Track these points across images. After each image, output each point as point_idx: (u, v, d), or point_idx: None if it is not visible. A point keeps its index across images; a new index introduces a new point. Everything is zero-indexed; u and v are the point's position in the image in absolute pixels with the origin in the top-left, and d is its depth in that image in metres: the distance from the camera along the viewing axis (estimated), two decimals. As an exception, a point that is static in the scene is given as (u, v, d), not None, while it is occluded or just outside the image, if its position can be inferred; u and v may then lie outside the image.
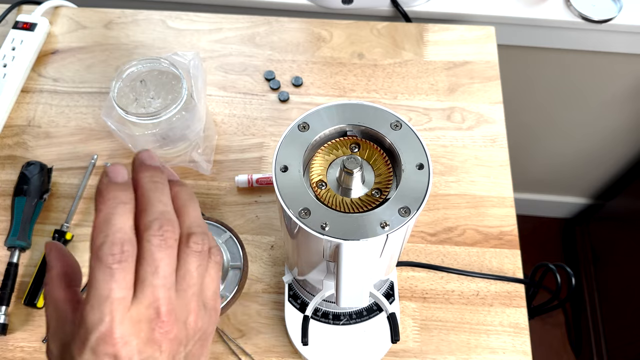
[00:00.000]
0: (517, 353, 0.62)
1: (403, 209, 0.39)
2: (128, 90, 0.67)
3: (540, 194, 1.54)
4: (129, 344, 0.26)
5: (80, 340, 0.26)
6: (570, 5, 0.91)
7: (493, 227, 0.69)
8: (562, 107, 1.16)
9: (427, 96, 0.79)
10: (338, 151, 0.43)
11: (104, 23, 0.85)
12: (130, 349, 0.26)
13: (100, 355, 0.25)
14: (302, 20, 0.86)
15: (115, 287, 0.26)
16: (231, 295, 0.60)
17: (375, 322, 0.59)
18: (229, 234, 0.64)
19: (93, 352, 0.25)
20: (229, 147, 0.75)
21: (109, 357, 0.26)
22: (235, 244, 0.63)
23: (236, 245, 0.63)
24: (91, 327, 0.25)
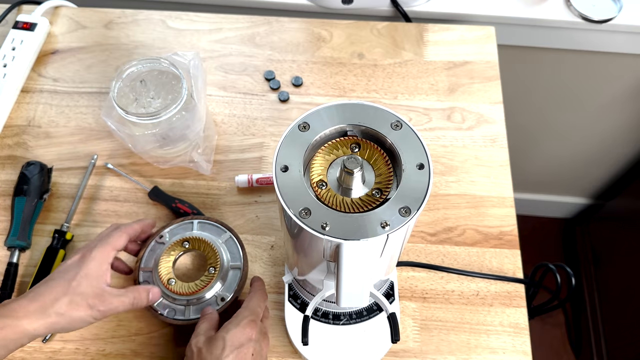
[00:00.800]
0: (517, 353, 0.62)
1: (403, 209, 0.39)
2: (128, 90, 0.67)
3: (540, 194, 1.54)
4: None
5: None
6: (570, 5, 0.91)
7: (493, 227, 0.69)
8: (562, 107, 1.16)
9: (427, 96, 0.79)
10: (338, 151, 0.43)
11: (104, 23, 0.85)
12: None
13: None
14: (302, 20, 0.86)
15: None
16: (231, 295, 0.60)
17: (375, 322, 0.59)
18: (229, 234, 0.64)
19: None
20: (229, 147, 0.75)
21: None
22: (235, 244, 0.63)
23: (236, 245, 0.63)
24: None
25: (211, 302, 0.59)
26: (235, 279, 0.61)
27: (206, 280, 0.60)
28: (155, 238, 0.63)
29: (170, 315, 0.59)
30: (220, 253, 0.61)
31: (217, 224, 0.64)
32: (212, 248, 0.61)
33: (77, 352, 0.62)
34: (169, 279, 0.60)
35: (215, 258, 0.61)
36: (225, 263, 0.61)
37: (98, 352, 0.62)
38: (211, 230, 0.64)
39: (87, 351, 0.62)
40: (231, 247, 0.63)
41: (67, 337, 0.63)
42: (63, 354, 0.62)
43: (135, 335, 0.63)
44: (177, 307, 0.60)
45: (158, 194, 0.70)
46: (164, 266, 0.61)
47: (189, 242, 0.62)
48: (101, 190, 0.72)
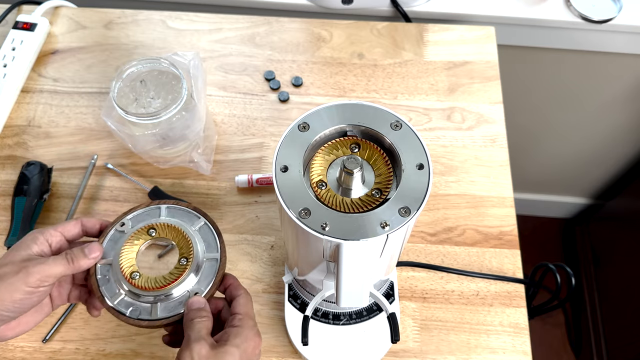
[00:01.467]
0: (517, 353, 0.62)
1: (403, 209, 0.39)
2: (128, 90, 0.67)
3: (540, 194, 1.54)
4: None
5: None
6: (570, 5, 0.91)
7: (493, 227, 0.69)
8: (562, 107, 1.16)
9: (427, 96, 0.79)
10: (338, 151, 0.43)
11: (104, 23, 0.86)
12: None
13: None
14: (302, 20, 0.86)
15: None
16: (206, 290, 0.51)
17: (375, 322, 0.59)
18: (203, 221, 0.55)
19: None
20: (229, 147, 0.75)
21: None
22: (210, 232, 0.54)
23: (212, 233, 0.54)
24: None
25: (183, 299, 0.50)
26: (212, 271, 0.52)
27: (177, 273, 0.50)
28: (116, 226, 0.54)
29: (134, 314, 0.50)
30: (193, 242, 0.52)
31: (190, 210, 0.55)
32: (184, 236, 0.52)
33: (77, 352, 0.62)
34: (132, 273, 0.51)
35: (187, 248, 0.52)
36: (200, 253, 0.52)
37: (98, 352, 0.62)
38: (182, 216, 0.55)
39: (87, 351, 0.62)
40: (206, 235, 0.54)
41: (67, 337, 0.63)
42: (63, 354, 0.62)
43: (135, 335, 0.63)
44: (142, 305, 0.50)
45: (158, 194, 0.70)
46: (125, 257, 0.51)
47: (156, 229, 0.53)
48: (101, 191, 0.72)
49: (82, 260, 0.48)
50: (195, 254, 0.51)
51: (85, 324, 0.63)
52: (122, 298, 0.51)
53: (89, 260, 0.48)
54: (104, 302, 0.50)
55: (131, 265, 0.51)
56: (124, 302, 0.51)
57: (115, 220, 0.54)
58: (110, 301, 0.50)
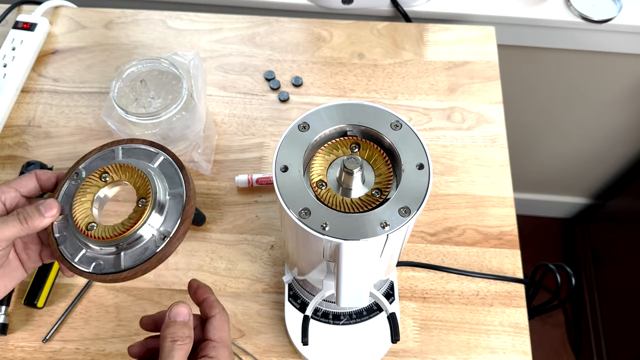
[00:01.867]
0: (517, 353, 0.62)
1: (403, 209, 0.39)
2: (128, 90, 0.67)
3: (540, 194, 1.54)
4: None
5: None
6: (570, 5, 0.91)
7: (493, 227, 0.69)
8: (562, 107, 1.16)
9: (427, 96, 0.79)
10: (338, 151, 0.43)
11: (104, 23, 0.86)
12: None
13: None
14: (302, 20, 0.86)
15: None
16: (174, 229, 0.45)
17: (375, 322, 0.59)
18: (163, 155, 0.48)
19: None
20: (229, 147, 0.75)
21: None
22: (172, 167, 0.48)
23: (174, 168, 0.48)
24: None
25: (149, 244, 0.45)
26: (178, 208, 0.46)
27: (135, 216, 0.45)
28: (70, 177, 0.48)
29: (98, 269, 0.45)
30: (151, 179, 0.46)
31: (147, 146, 0.49)
32: (139, 175, 0.46)
33: (77, 352, 0.62)
34: (89, 224, 0.45)
35: (144, 186, 0.46)
36: (161, 191, 0.46)
37: (98, 352, 0.62)
38: (140, 155, 0.49)
39: (87, 351, 0.62)
40: (168, 171, 0.48)
41: (67, 337, 0.63)
42: (63, 354, 0.62)
43: (135, 335, 0.63)
44: (105, 258, 0.45)
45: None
46: (79, 209, 0.46)
47: (109, 173, 0.47)
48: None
49: (37, 220, 0.43)
50: (154, 191, 0.45)
51: (85, 324, 0.63)
52: (83, 254, 0.46)
53: (46, 219, 0.43)
54: (64, 261, 0.45)
55: (86, 217, 0.46)
56: (86, 258, 0.46)
57: (69, 171, 0.49)
58: (71, 259, 0.45)
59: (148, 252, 0.44)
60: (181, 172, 0.48)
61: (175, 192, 0.47)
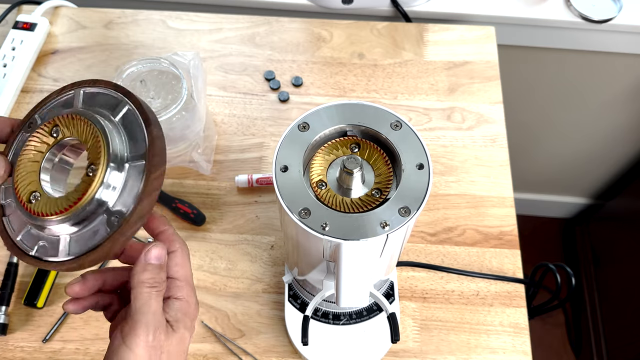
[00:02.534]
0: (517, 353, 0.62)
1: (403, 209, 0.39)
2: (128, 90, 0.67)
3: (540, 194, 1.54)
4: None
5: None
6: (570, 5, 0.90)
7: (493, 227, 0.69)
8: (562, 107, 1.16)
9: (427, 96, 0.79)
10: (338, 151, 0.43)
11: (104, 23, 0.85)
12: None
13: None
14: (302, 20, 0.86)
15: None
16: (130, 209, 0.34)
17: (375, 322, 0.59)
18: (128, 106, 0.37)
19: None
20: (229, 147, 0.75)
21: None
22: (137, 122, 0.36)
23: (139, 124, 0.36)
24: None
25: (99, 226, 0.34)
26: (137, 180, 0.35)
27: (82, 188, 0.34)
28: (24, 128, 0.39)
29: (42, 253, 0.36)
30: (105, 139, 0.35)
31: (110, 90, 0.38)
32: (93, 133, 0.35)
33: (77, 352, 0.62)
34: (32, 193, 0.35)
35: (96, 149, 0.35)
36: (118, 155, 0.35)
37: (98, 352, 0.62)
38: (102, 102, 0.38)
39: (87, 351, 0.62)
40: (131, 126, 0.36)
41: (67, 337, 0.63)
42: (63, 354, 0.62)
43: (135, 335, 0.63)
44: (50, 239, 0.36)
45: (159, 196, 0.69)
46: (22, 172, 0.36)
47: (60, 125, 0.37)
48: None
49: None
50: (108, 157, 0.34)
51: (85, 324, 0.63)
52: (27, 231, 0.36)
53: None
54: (6, 237, 0.37)
55: (29, 183, 0.36)
56: (30, 236, 0.36)
57: (24, 120, 0.39)
58: (14, 235, 0.36)
59: (97, 237, 0.34)
60: (147, 129, 0.35)
61: (135, 156, 0.35)
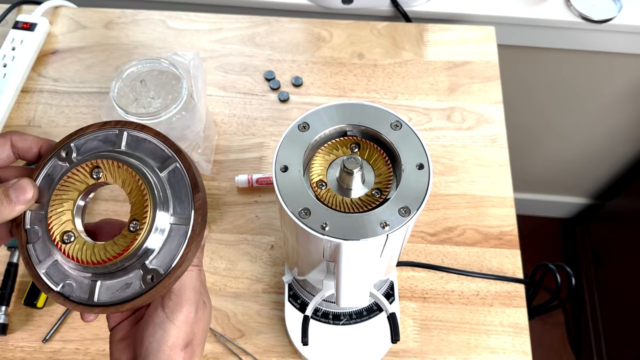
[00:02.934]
0: (517, 353, 0.62)
1: (403, 209, 0.39)
2: (128, 90, 0.67)
3: (540, 194, 1.54)
4: None
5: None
6: (570, 5, 0.90)
7: (493, 227, 0.69)
8: (562, 107, 1.16)
9: (427, 96, 0.79)
10: (338, 151, 0.43)
11: (104, 23, 0.85)
12: None
13: None
14: (302, 20, 0.86)
15: None
16: (165, 274, 0.34)
17: (375, 322, 0.59)
18: (176, 163, 0.36)
19: None
20: (229, 147, 0.75)
21: None
22: (184, 181, 0.36)
23: (185, 183, 0.36)
24: None
25: (134, 279, 0.34)
26: (177, 242, 0.35)
27: (123, 243, 0.34)
28: (57, 153, 0.37)
29: (68, 292, 0.35)
30: (152, 198, 0.34)
31: (159, 142, 0.37)
32: (140, 190, 0.35)
33: (77, 352, 0.62)
34: (65, 233, 0.35)
35: (142, 207, 0.34)
36: (162, 217, 0.35)
37: (98, 352, 0.62)
38: (148, 152, 0.37)
39: (87, 351, 0.62)
40: (177, 185, 0.36)
41: (67, 337, 0.63)
42: (63, 354, 0.62)
43: (135, 335, 0.63)
44: (78, 279, 0.35)
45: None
46: (57, 210, 0.35)
47: (103, 168, 0.35)
48: (101, 190, 0.72)
49: (6, 208, 0.33)
50: (152, 219, 0.34)
51: (85, 324, 0.63)
52: (53, 263, 0.35)
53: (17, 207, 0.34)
54: (31, 267, 0.36)
55: (63, 223, 0.35)
56: (56, 270, 0.35)
57: (57, 145, 0.37)
58: (38, 266, 0.36)
59: (129, 291, 0.34)
60: (191, 191, 0.35)
61: (179, 221, 0.35)
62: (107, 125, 0.37)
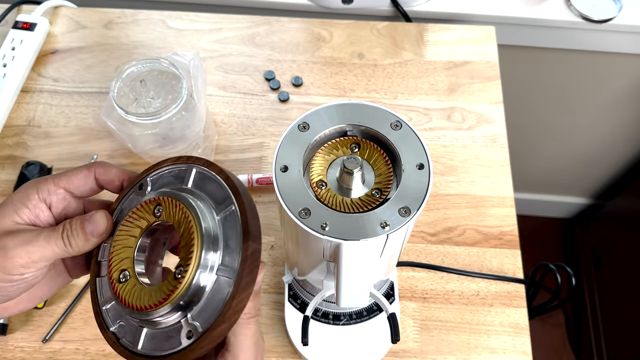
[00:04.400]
0: (517, 353, 0.62)
1: (403, 209, 0.39)
2: (128, 90, 0.67)
3: (540, 194, 1.54)
4: None
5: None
6: (571, 5, 0.90)
7: (493, 227, 0.69)
8: (562, 107, 1.16)
9: (427, 96, 0.79)
10: (338, 151, 0.43)
11: (104, 23, 0.85)
12: None
13: None
14: (302, 20, 0.86)
15: None
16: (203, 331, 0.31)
17: (375, 322, 0.59)
18: (233, 206, 0.33)
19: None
20: (229, 147, 0.75)
21: None
22: (236, 227, 0.32)
23: (236, 232, 0.32)
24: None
25: (174, 333, 0.32)
26: (220, 296, 0.31)
27: (166, 290, 0.31)
28: (135, 186, 0.37)
29: (120, 333, 0.34)
30: (199, 244, 0.31)
31: (222, 179, 0.34)
32: (188, 228, 0.32)
33: (77, 352, 0.62)
34: (123, 271, 0.33)
35: (187, 250, 0.31)
36: (208, 265, 0.31)
37: (98, 352, 0.62)
38: (210, 190, 0.34)
39: (87, 351, 0.62)
40: (230, 231, 0.32)
41: (67, 337, 0.63)
42: (63, 354, 0.62)
43: (135, 335, 0.63)
44: (129, 321, 0.34)
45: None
46: (119, 246, 0.34)
47: (163, 206, 0.33)
48: (101, 190, 0.72)
49: (81, 240, 0.33)
50: (197, 265, 0.31)
51: (85, 324, 0.63)
52: (114, 304, 0.34)
53: (91, 240, 0.33)
54: (96, 301, 0.35)
55: (123, 259, 0.33)
56: (115, 309, 0.34)
57: (136, 178, 0.37)
58: (102, 301, 0.35)
59: (169, 343, 0.32)
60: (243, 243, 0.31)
61: (228, 271, 0.31)
62: (180, 160, 0.36)
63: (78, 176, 0.36)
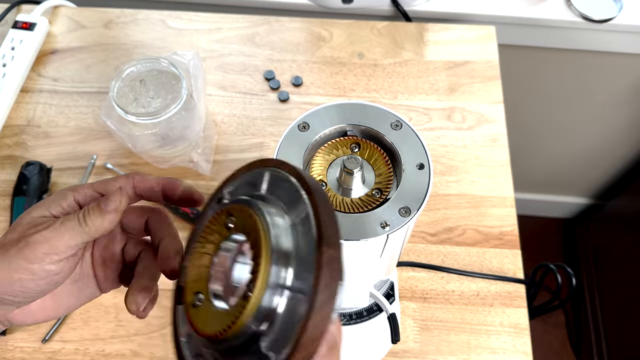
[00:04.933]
0: (518, 353, 0.62)
1: (403, 209, 0.39)
2: (128, 90, 0.67)
3: (540, 194, 1.54)
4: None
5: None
6: (571, 4, 0.90)
7: (493, 227, 0.69)
8: (562, 106, 1.16)
9: (428, 96, 0.79)
10: (338, 151, 0.43)
11: (104, 23, 0.85)
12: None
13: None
14: (302, 20, 0.86)
15: None
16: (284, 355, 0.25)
17: (375, 322, 0.59)
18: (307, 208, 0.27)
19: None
20: (229, 147, 0.75)
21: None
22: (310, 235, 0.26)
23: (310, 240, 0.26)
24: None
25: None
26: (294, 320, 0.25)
27: (234, 314, 0.26)
28: (216, 197, 0.34)
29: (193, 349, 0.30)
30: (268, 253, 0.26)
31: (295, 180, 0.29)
32: (256, 237, 0.27)
33: (77, 352, 0.62)
34: (196, 294, 0.29)
35: (255, 264, 0.26)
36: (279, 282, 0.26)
37: (98, 352, 0.62)
38: (283, 194, 0.29)
39: (87, 351, 0.62)
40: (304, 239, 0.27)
41: (67, 337, 0.63)
42: (63, 354, 0.62)
43: (134, 335, 0.63)
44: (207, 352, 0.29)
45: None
46: (193, 266, 0.30)
47: (235, 216, 0.29)
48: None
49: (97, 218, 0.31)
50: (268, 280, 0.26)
51: (85, 324, 0.63)
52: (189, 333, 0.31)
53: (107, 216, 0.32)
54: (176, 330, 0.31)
55: (196, 279, 0.30)
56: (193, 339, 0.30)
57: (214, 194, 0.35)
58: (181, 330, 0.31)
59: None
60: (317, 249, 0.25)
61: (301, 287, 0.26)
62: (253, 166, 0.33)
63: (116, 183, 0.35)
